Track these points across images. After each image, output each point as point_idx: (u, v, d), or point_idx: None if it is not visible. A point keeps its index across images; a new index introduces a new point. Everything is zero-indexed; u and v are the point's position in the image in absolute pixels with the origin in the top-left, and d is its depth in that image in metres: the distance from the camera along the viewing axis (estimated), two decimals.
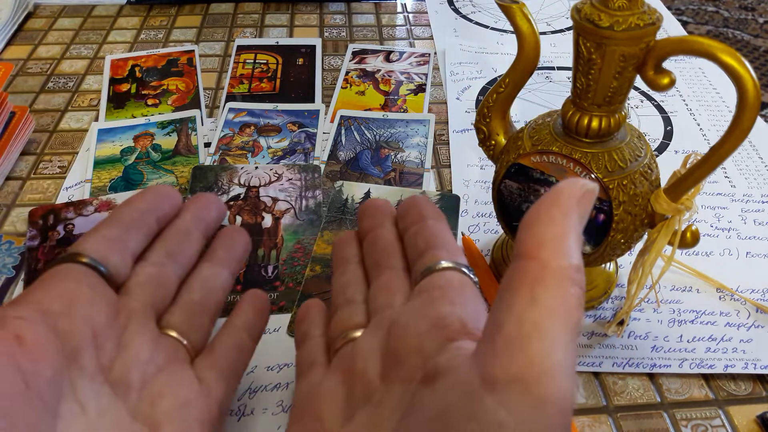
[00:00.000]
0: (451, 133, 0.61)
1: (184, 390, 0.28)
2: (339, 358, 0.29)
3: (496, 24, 0.79)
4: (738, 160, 0.58)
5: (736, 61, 0.31)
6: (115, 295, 0.29)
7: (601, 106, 0.36)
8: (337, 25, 0.79)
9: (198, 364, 0.30)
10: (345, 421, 0.26)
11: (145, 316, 0.29)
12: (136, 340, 0.28)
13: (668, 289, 0.46)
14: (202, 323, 0.32)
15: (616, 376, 0.41)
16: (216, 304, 0.33)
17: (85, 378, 0.25)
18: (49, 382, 0.23)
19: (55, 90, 0.67)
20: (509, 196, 0.41)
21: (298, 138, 0.60)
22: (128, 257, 0.30)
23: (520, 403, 0.19)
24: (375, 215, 0.35)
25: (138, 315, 0.29)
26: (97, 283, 0.28)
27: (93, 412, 0.25)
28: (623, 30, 0.32)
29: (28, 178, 0.56)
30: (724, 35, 0.80)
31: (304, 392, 0.29)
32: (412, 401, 0.24)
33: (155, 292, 0.30)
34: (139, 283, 0.30)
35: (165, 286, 0.31)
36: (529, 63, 0.39)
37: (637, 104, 0.66)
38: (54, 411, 0.24)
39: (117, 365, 0.27)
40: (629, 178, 0.37)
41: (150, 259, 0.31)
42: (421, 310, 0.27)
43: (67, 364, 0.25)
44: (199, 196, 0.35)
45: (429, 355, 0.25)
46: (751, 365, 0.41)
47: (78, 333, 0.26)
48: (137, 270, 0.30)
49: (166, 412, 0.27)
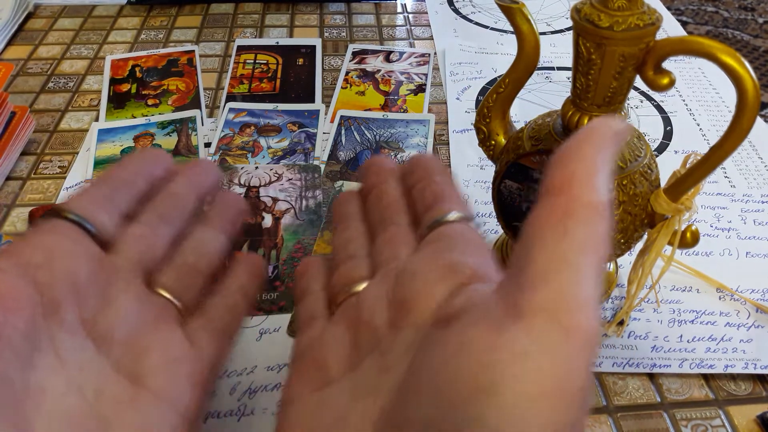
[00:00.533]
0: (451, 133, 0.61)
1: (172, 347, 0.27)
2: (343, 309, 0.28)
3: (496, 24, 0.79)
4: (738, 160, 0.58)
5: (735, 61, 0.31)
6: (99, 250, 0.28)
7: (601, 106, 0.36)
8: (337, 25, 0.79)
9: (189, 324, 0.29)
10: (351, 369, 0.25)
11: (133, 273, 0.28)
12: (121, 297, 0.27)
13: (668, 289, 0.46)
14: (194, 284, 0.31)
15: (616, 376, 0.41)
16: (209, 267, 0.31)
17: (66, 332, 0.25)
18: (23, 334, 0.23)
19: (55, 90, 0.67)
20: (509, 196, 0.41)
21: (298, 138, 0.60)
22: (116, 216, 0.29)
23: (548, 333, 0.19)
24: (379, 172, 0.33)
25: (125, 272, 0.28)
26: (82, 238, 0.27)
27: (73, 366, 0.24)
28: (623, 30, 0.32)
29: (28, 178, 0.56)
30: (723, 35, 0.80)
31: (305, 344, 0.28)
32: (426, 343, 0.23)
33: (144, 251, 0.29)
34: (128, 242, 0.29)
35: (155, 246, 0.30)
36: (529, 63, 0.39)
37: (636, 104, 0.66)
38: (28, 362, 0.23)
39: (100, 320, 0.26)
40: (629, 178, 0.37)
41: (140, 220, 0.30)
42: (431, 259, 0.26)
43: (45, 316, 0.24)
44: (194, 162, 0.35)
45: (442, 300, 0.24)
46: (751, 365, 0.41)
47: (58, 286, 0.25)
48: (126, 229, 0.29)
49: (153, 367, 0.26)
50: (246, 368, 0.41)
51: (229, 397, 0.39)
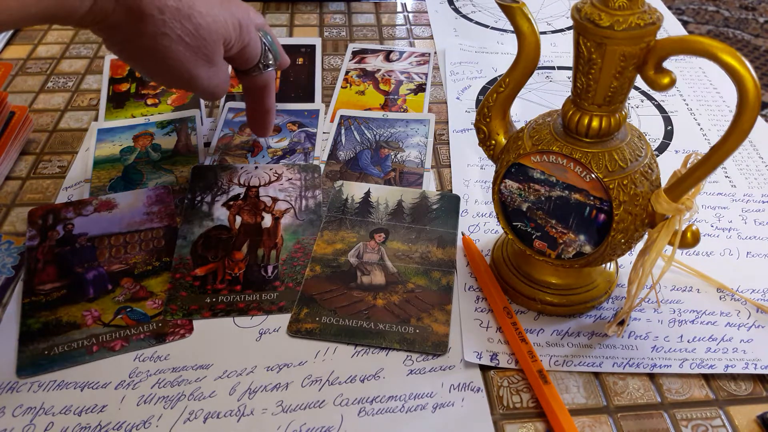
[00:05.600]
0: (451, 132, 0.61)
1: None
2: None
3: (497, 24, 0.79)
4: (738, 160, 0.58)
5: (736, 60, 0.31)
6: None
7: (602, 106, 0.36)
8: (337, 24, 0.78)
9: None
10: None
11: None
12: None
13: (669, 289, 0.46)
14: None
15: (617, 376, 0.41)
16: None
17: None
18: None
19: (54, 90, 0.67)
20: (509, 196, 0.41)
21: (298, 138, 0.60)
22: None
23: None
24: None
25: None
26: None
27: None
28: (623, 29, 0.32)
29: (27, 177, 0.56)
30: (724, 35, 0.80)
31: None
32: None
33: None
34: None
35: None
36: (529, 63, 0.39)
37: (637, 104, 0.66)
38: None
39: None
40: (630, 177, 0.37)
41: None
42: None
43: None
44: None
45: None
46: (752, 365, 0.41)
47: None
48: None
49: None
50: (246, 368, 0.41)
51: (229, 397, 0.39)
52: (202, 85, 0.47)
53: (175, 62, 0.44)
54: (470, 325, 0.43)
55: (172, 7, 0.41)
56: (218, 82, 0.48)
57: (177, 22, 0.42)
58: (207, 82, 0.47)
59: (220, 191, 0.53)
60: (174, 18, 0.42)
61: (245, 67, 0.51)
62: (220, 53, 0.46)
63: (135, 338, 0.43)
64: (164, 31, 0.42)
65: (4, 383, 0.40)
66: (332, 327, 0.43)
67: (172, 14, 0.41)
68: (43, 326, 0.43)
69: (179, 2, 0.42)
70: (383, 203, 0.52)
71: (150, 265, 0.47)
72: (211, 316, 0.44)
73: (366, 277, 0.47)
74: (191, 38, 0.43)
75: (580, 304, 0.44)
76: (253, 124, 0.56)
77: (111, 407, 0.39)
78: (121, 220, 0.50)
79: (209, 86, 0.48)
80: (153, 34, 0.41)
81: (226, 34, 0.45)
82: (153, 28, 0.41)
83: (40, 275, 0.46)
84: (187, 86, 0.47)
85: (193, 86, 0.47)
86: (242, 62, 0.50)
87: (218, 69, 0.47)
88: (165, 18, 0.41)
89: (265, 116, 0.55)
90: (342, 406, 0.39)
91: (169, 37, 0.42)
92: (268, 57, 0.52)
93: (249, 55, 0.49)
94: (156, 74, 0.47)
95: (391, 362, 0.42)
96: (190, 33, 0.43)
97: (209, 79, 0.47)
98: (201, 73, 0.46)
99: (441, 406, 0.39)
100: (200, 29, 0.43)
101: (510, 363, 0.41)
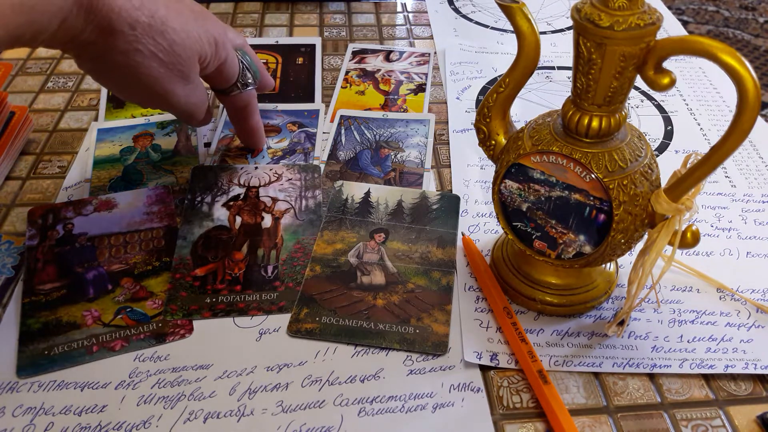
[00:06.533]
0: (451, 133, 0.61)
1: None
2: None
3: (497, 24, 0.79)
4: (738, 160, 0.58)
5: (736, 61, 0.31)
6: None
7: (602, 106, 0.36)
8: (337, 24, 0.78)
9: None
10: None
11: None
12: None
13: (668, 289, 0.46)
14: None
15: (617, 377, 0.41)
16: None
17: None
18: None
19: (54, 90, 0.67)
20: (509, 196, 0.41)
21: (297, 138, 0.60)
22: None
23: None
24: None
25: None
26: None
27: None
28: (623, 30, 0.32)
29: (27, 177, 0.56)
30: (724, 35, 0.80)
31: None
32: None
33: None
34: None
35: None
36: (529, 63, 0.39)
37: (637, 104, 0.66)
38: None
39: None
40: (629, 178, 0.37)
41: None
42: None
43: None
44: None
45: None
46: (752, 365, 0.41)
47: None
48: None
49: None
50: (246, 368, 0.41)
51: (229, 397, 0.39)
52: (179, 102, 0.46)
53: (149, 79, 0.43)
54: (470, 325, 0.43)
55: (144, 23, 0.41)
56: (196, 100, 0.48)
57: (150, 38, 0.41)
58: (184, 99, 0.46)
59: (220, 192, 0.53)
60: (146, 34, 0.41)
61: (224, 86, 0.51)
62: (196, 70, 0.46)
63: (135, 338, 0.43)
64: (137, 47, 0.41)
65: (4, 383, 0.40)
66: (332, 327, 0.43)
67: (144, 30, 0.41)
68: (43, 326, 0.43)
69: (152, 18, 0.41)
70: (383, 203, 0.52)
71: (150, 265, 0.47)
72: (211, 316, 0.44)
73: (366, 277, 0.47)
74: (165, 54, 0.42)
75: (580, 304, 0.44)
76: (244, 141, 0.57)
77: (111, 407, 0.39)
78: (121, 220, 0.50)
79: (187, 104, 0.47)
80: (125, 51, 0.41)
81: (202, 50, 0.45)
82: (125, 45, 0.41)
83: (40, 275, 0.46)
84: (164, 104, 0.46)
85: (170, 104, 0.46)
86: (220, 80, 0.50)
87: (195, 87, 0.47)
88: (137, 34, 0.40)
89: (252, 134, 0.56)
90: (342, 406, 0.39)
91: (142, 53, 0.41)
92: (247, 76, 0.51)
93: (226, 72, 0.49)
94: (130, 93, 0.46)
95: (391, 362, 0.42)
96: (164, 49, 0.42)
97: (186, 96, 0.46)
98: (177, 90, 0.45)
99: (441, 406, 0.39)
100: (174, 45, 0.43)
101: (510, 363, 0.41)
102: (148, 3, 0.41)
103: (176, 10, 0.43)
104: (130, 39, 0.40)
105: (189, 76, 0.45)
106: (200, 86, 0.48)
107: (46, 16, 0.36)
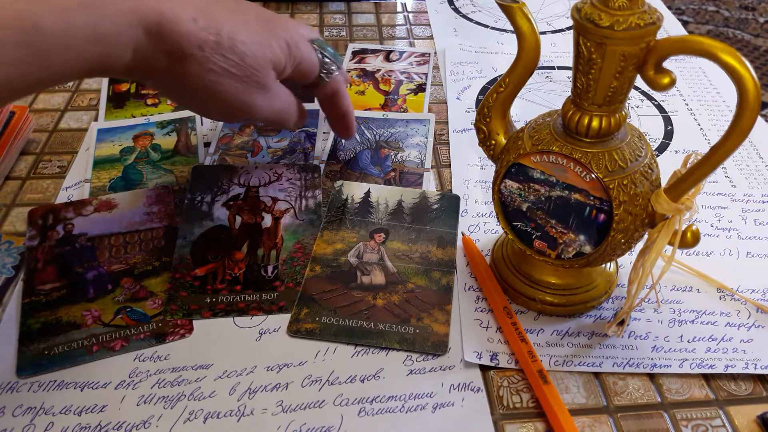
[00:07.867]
0: (451, 132, 0.61)
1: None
2: None
3: (497, 23, 0.79)
4: (738, 160, 0.58)
5: (736, 60, 0.31)
6: None
7: (602, 106, 0.36)
8: (337, 24, 0.78)
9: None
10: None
11: None
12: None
13: (668, 289, 0.46)
14: None
15: (617, 376, 0.41)
16: None
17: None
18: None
19: (54, 90, 0.67)
20: (509, 196, 0.41)
21: (297, 138, 0.60)
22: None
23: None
24: None
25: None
26: None
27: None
28: (623, 29, 0.32)
29: (27, 177, 0.56)
30: (724, 35, 0.80)
31: None
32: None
33: None
34: None
35: None
36: (529, 63, 0.39)
37: (637, 104, 0.66)
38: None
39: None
40: (629, 177, 0.37)
41: None
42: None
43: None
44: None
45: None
46: (752, 365, 0.41)
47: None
48: None
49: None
50: (246, 368, 0.41)
51: (229, 397, 0.39)
52: (262, 112, 0.46)
53: (227, 95, 0.43)
54: (470, 325, 0.43)
55: (212, 41, 0.40)
56: (279, 106, 0.47)
57: (219, 55, 0.41)
58: (267, 108, 0.46)
59: (220, 191, 0.53)
60: (216, 52, 0.41)
61: (307, 82, 0.50)
62: (272, 78, 0.45)
63: (135, 338, 0.43)
64: (209, 67, 0.41)
65: (4, 383, 0.40)
66: (332, 327, 0.43)
67: (212, 49, 0.41)
68: (43, 326, 0.43)
69: (218, 36, 0.41)
70: (383, 203, 0.52)
71: (150, 265, 0.47)
72: (211, 316, 0.44)
73: (366, 277, 0.47)
74: (238, 69, 0.42)
75: (580, 304, 0.44)
76: (335, 128, 0.56)
77: (111, 407, 0.39)
78: (121, 220, 0.50)
79: (271, 112, 0.47)
80: (198, 73, 0.41)
81: (274, 57, 0.44)
82: (197, 67, 0.40)
83: (40, 275, 0.46)
84: (248, 116, 0.46)
85: (254, 115, 0.46)
86: (302, 78, 0.49)
87: (275, 94, 0.46)
88: (206, 54, 0.40)
89: (343, 119, 0.54)
90: (342, 406, 0.39)
91: (215, 72, 0.41)
92: (329, 63, 0.50)
93: (306, 70, 0.48)
94: (211, 111, 0.47)
95: (391, 362, 0.42)
96: (236, 64, 0.42)
97: (269, 105, 0.46)
98: (257, 101, 0.45)
99: (441, 406, 0.39)
100: (245, 58, 0.42)
101: (510, 363, 0.41)
102: (213, 22, 0.41)
103: (242, 22, 0.43)
104: (201, 60, 0.40)
105: (266, 85, 0.45)
106: (281, 92, 0.47)
107: (119, 47, 0.37)
